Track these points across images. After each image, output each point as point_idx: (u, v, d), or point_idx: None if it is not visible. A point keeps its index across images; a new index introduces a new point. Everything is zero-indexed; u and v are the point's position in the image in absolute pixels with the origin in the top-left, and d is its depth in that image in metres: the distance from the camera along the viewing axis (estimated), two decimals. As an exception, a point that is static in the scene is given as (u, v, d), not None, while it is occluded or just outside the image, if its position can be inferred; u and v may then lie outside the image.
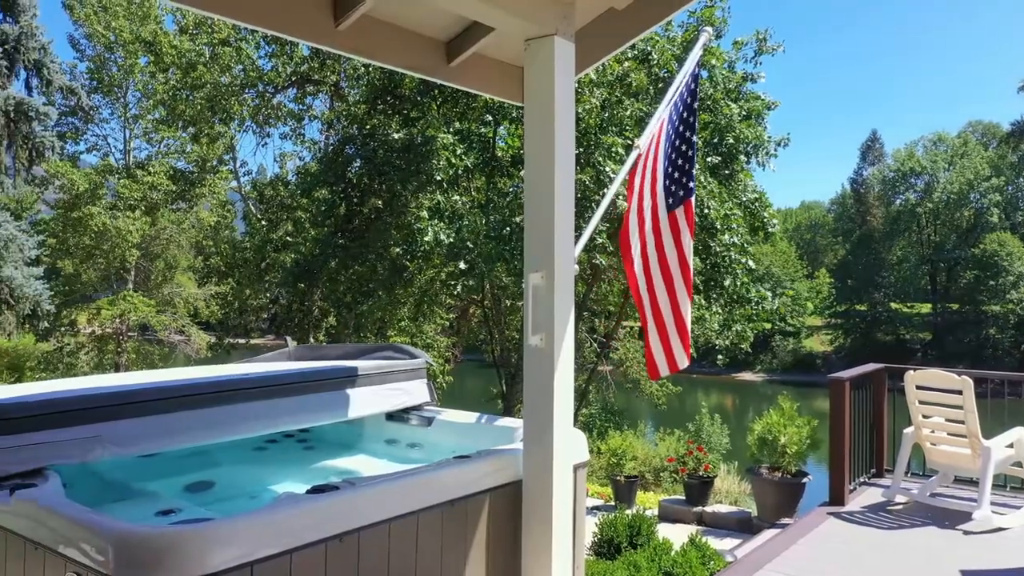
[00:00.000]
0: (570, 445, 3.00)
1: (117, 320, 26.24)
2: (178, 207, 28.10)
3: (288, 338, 4.59)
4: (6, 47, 16.30)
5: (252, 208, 24.97)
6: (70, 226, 26.60)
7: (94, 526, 2.07)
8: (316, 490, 2.42)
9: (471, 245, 8.91)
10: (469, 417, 3.85)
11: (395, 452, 3.89)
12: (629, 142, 10.70)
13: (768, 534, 6.03)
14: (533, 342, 2.93)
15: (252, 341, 33.20)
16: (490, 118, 10.21)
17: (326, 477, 3.61)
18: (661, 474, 10.79)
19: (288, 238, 20.83)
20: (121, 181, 26.42)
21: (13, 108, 15.72)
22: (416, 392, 3.95)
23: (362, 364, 3.81)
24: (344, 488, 2.44)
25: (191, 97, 21.85)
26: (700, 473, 7.98)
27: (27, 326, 19.44)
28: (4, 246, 15.45)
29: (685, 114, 3.97)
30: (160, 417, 2.90)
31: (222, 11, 2.86)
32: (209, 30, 20.57)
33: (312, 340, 23.18)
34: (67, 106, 27.85)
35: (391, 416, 3.94)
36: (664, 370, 3.90)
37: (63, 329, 26.37)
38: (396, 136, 10.91)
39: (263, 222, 23.02)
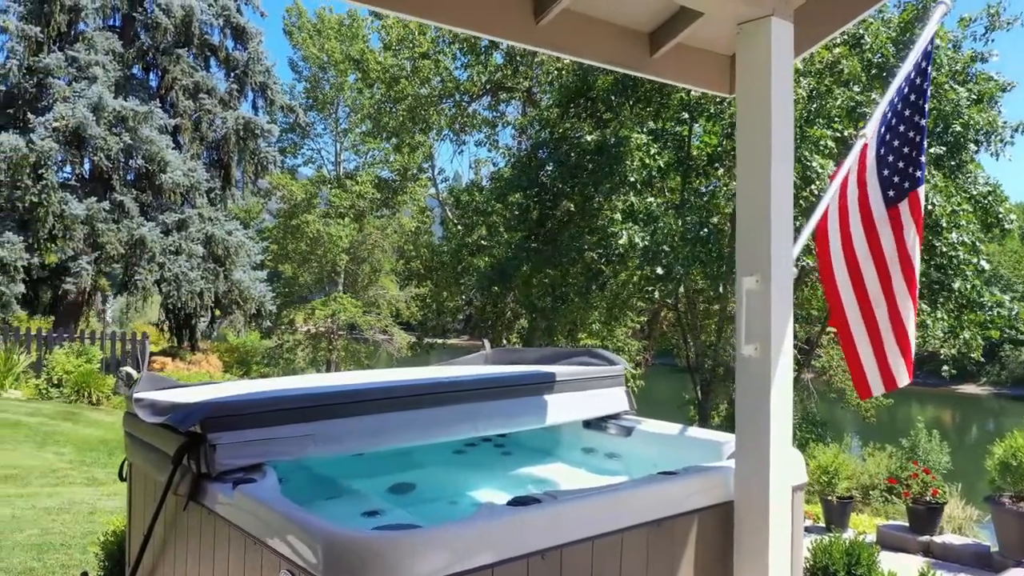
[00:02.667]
0: (788, 465, 2.72)
1: (329, 319, 28.22)
2: (382, 214, 29.79)
3: (485, 341, 4.59)
4: (237, 72, 18.06)
5: (449, 213, 25.97)
6: (289, 233, 29.00)
7: (306, 525, 2.11)
8: (518, 502, 2.33)
9: (667, 248, 8.62)
10: (670, 429, 3.65)
11: (592, 462, 3.76)
12: (839, 134, 9.93)
13: (1015, 573, 5.28)
14: (747, 352, 2.68)
15: (449, 341, 34.61)
16: (686, 116, 9.85)
17: (523, 485, 3.55)
18: (871, 492, 9.89)
19: (483, 242, 21.46)
20: (332, 191, 28.46)
21: (242, 127, 17.36)
22: (614, 400, 3.81)
23: (560, 369, 3.72)
24: (546, 501, 2.34)
25: (394, 109, 23.07)
26: (927, 498, 7.17)
27: (252, 325, 21.41)
28: (235, 251, 17.07)
29: (912, 96, 3.51)
30: (368, 418, 2.95)
31: (426, 15, 2.86)
32: (411, 45, 21.63)
33: (505, 342, 23.73)
34: (287, 123, 30.48)
35: (589, 424, 3.82)
36: (878, 388, 3.46)
37: (283, 327, 28.75)
38: (589, 138, 10.83)
39: (459, 227, 23.86)
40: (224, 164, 18.05)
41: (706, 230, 8.81)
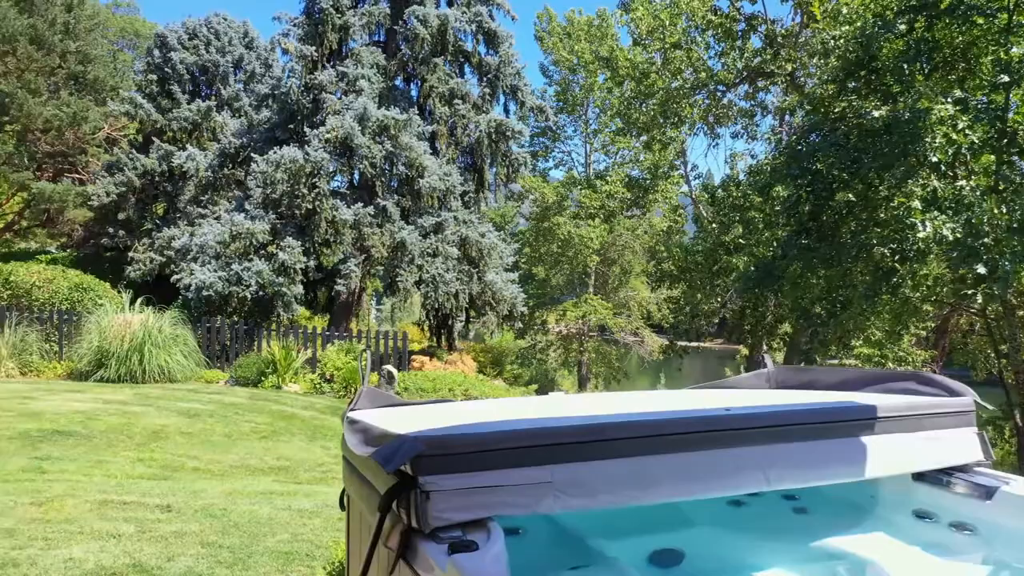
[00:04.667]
0: None
1: (580, 321, 28.16)
2: (632, 213, 29.18)
3: (766, 357, 3.63)
4: (489, 76, 18.32)
5: (702, 211, 24.71)
6: (541, 235, 29.36)
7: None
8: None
9: (988, 242, 6.95)
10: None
11: (931, 534, 2.69)
12: None
13: None
14: None
15: (703, 345, 33.16)
16: (1005, 79, 8.01)
17: (831, 562, 2.63)
18: None
19: (740, 240, 20.03)
20: (583, 191, 28.34)
21: (494, 129, 17.55)
22: (962, 445, 2.71)
23: (881, 401, 2.72)
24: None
25: (644, 105, 22.33)
26: None
27: (505, 325, 21.73)
28: (488, 253, 17.29)
29: None
30: (626, 461, 2.20)
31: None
32: (660, 36, 20.73)
33: (765, 347, 22.01)
34: (538, 127, 30.94)
35: (922, 477, 2.76)
36: None
37: (535, 328, 29.17)
38: (876, 114, 9.27)
39: (713, 225, 22.58)
40: (478, 167, 18.40)
41: (1040, 217, 7.00)
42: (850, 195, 10.30)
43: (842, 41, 11.26)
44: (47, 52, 22.70)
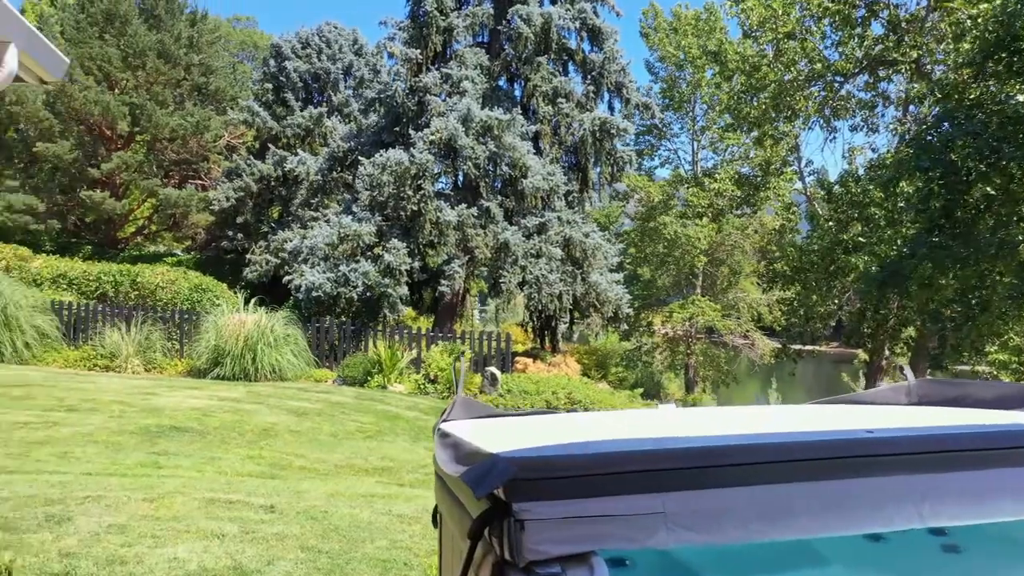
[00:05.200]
0: None
1: (687, 323, 27.45)
2: (742, 212, 28.20)
3: (905, 368, 3.22)
4: (593, 73, 18.02)
5: (818, 208, 23.56)
6: (646, 235, 28.80)
7: None
8: None
9: None
10: None
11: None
12: None
13: None
14: None
15: (817, 349, 31.69)
16: None
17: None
18: None
19: (860, 239, 18.92)
20: (690, 190, 27.60)
21: (598, 127, 17.23)
22: None
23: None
24: None
25: (755, 99, 21.52)
26: None
27: (610, 327, 21.35)
28: (592, 254, 16.99)
29: None
30: (753, 490, 1.90)
31: None
32: (773, 27, 19.87)
33: (887, 353, 20.74)
34: (643, 125, 30.35)
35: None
36: None
37: (641, 330, 28.64)
38: (1021, 99, 8.44)
39: (830, 223, 21.46)
40: (582, 167, 18.12)
41: None
42: (988, 188, 9.43)
43: (980, 21, 10.35)
44: (173, 65, 23.97)
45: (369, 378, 14.15)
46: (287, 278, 17.00)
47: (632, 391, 17.02)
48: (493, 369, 14.56)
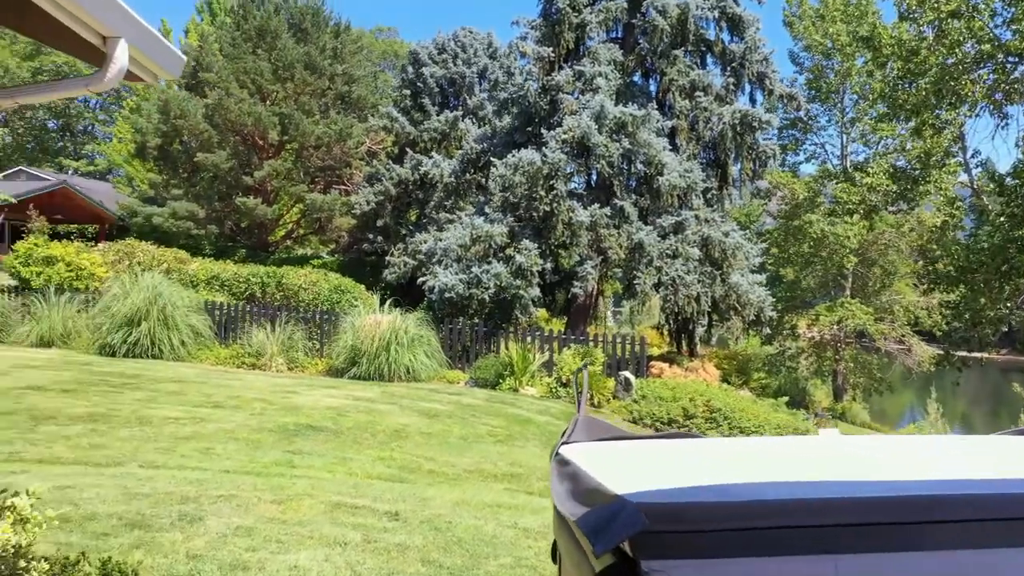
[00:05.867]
0: None
1: (835, 326, 25.83)
2: (897, 208, 26.23)
3: None
4: (733, 65, 17.17)
5: (986, 203, 21.49)
6: (790, 234, 27.36)
7: None
8: None
9: None
10: None
11: None
12: None
13: None
14: None
15: (985, 356, 29.02)
16: None
17: None
18: None
19: (1039, 236, 17.05)
20: (839, 185, 25.94)
21: (739, 121, 16.39)
22: None
23: None
24: None
25: (913, 86, 19.91)
26: None
27: (751, 330, 20.33)
28: (732, 254, 16.18)
29: None
30: (960, 556, 1.48)
31: None
32: (934, 6, 18.28)
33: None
34: (787, 118, 28.87)
35: None
36: None
37: (784, 334, 27.25)
38: None
39: (1001, 218, 19.50)
40: (721, 163, 17.32)
41: None
42: None
43: None
44: (318, 76, 24.99)
45: (500, 380, 14.05)
46: (421, 279, 17.23)
47: (776, 399, 16.06)
48: (627, 374, 14.11)
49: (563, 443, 2.25)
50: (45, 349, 14.67)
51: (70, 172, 49.08)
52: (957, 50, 18.50)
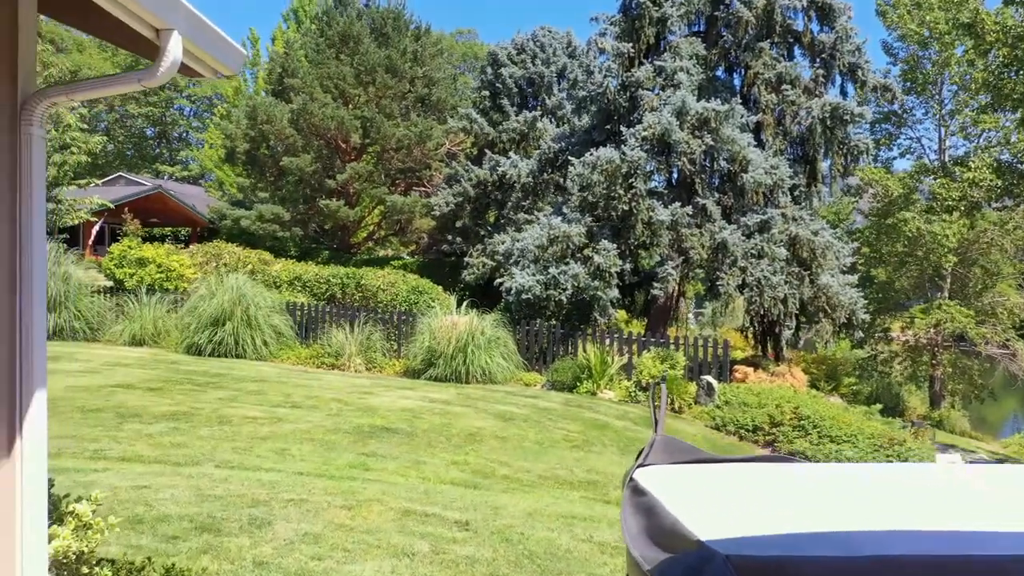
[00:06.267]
0: None
1: (931, 330, 24.50)
2: (1002, 205, 24.68)
3: None
4: (823, 56, 16.41)
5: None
6: (883, 233, 26.13)
7: None
8: None
9: None
10: None
11: None
12: None
13: None
14: None
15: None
16: None
17: None
18: None
19: None
20: (937, 181, 24.58)
21: (828, 114, 15.65)
22: None
23: None
24: None
25: (1019, 75, 18.67)
26: None
27: (842, 334, 19.42)
28: (821, 254, 15.46)
29: None
30: None
31: None
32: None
33: None
34: (879, 112, 27.58)
35: None
36: None
37: (876, 337, 26.07)
38: None
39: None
40: (809, 159, 16.58)
41: None
42: None
43: None
44: (399, 79, 25.22)
45: (578, 383, 13.78)
46: (498, 280, 17.10)
47: (869, 406, 15.24)
48: (709, 378, 13.63)
49: (638, 466, 2.01)
50: (136, 348, 15.20)
51: (166, 177, 51.27)
52: (1070, 34, 17.25)
